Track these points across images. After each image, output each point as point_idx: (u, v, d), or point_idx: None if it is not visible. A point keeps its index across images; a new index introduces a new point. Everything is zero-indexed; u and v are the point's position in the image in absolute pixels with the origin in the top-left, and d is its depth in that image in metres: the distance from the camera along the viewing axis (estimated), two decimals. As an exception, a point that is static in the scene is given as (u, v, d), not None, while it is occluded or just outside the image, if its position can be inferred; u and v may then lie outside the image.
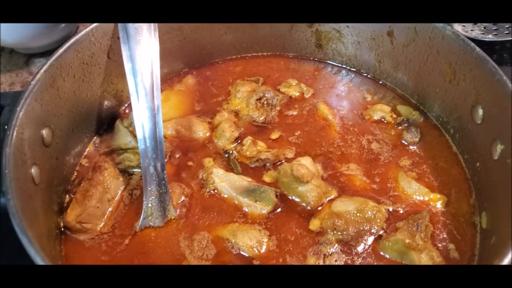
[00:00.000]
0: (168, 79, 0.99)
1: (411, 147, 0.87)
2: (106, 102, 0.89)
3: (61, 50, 0.75)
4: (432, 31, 0.83)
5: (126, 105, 0.94)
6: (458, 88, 0.82)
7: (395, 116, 0.91)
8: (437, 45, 0.84)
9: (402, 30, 0.88)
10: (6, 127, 0.65)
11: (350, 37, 0.98)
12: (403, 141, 0.87)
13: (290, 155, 0.85)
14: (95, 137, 0.88)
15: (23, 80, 1.13)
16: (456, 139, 0.86)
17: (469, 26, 1.20)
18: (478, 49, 0.77)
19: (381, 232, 0.73)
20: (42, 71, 0.71)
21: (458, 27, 1.17)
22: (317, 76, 1.01)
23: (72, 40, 0.77)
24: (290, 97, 0.96)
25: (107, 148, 0.85)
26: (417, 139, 0.87)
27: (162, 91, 0.80)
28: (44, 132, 0.72)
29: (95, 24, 0.80)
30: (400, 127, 0.89)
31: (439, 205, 0.78)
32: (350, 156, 0.85)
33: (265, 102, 0.93)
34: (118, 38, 0.79)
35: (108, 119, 0.91)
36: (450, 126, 0.87)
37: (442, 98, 0.87)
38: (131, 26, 0.79)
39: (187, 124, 0.89)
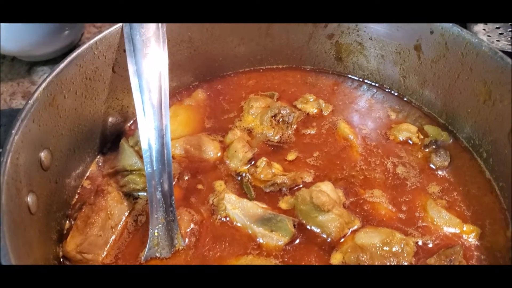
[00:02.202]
0: (177, 93, 0.94)
1: (440, 172, 0.80)
2: (110, 119, 0.83)
3: (61, 65, 0.69)
4: (465, 46, 0.77)
5: (131, 121, 0.88)
6: (494, 109, 0.75)
7: (422, 136, 0.85)
8: (471, 62, 0.77)
9: (431, 45, 0.82)
10: (0, 150, 0.59)
11: (373, 50, 0.91)
12: (431, 165, 0.81)
13: (308, 179, 0.78)
14: (98, 157, 0.83)
15: (25, 90, 1.08)
16: (489, 164, 0.79)
17: (494, 36, 1.13)
18: (519, 68, 0.70)
19: (409, 269, 0.67)
20: (40, 89, 0.66)
21: (483, 37, 1.11)
22: (336, 91, 0.94)
23: (74, 54, 0.71)
24: (308, 114, 0.90)
25: (111, 168, 0.80)
26: (446, 163, 0.80)
27: (170, 106, 0.74)
28: (42, 154, 0.67)
29: (99, 36, 0.75)
30: (427, 149, 0.83)
31: (472, 238, 0.72)
32: (374, 181, 0.78)
33: (281, 120, 0.87)
34: (124, 51, 0.74)
35: (113, 137, 0.85)
36: (483, 149, 0.80)
37: (475, 119, 0.80)
38: (138, 38, 0.74)
39: (196, 143, 0.83)
